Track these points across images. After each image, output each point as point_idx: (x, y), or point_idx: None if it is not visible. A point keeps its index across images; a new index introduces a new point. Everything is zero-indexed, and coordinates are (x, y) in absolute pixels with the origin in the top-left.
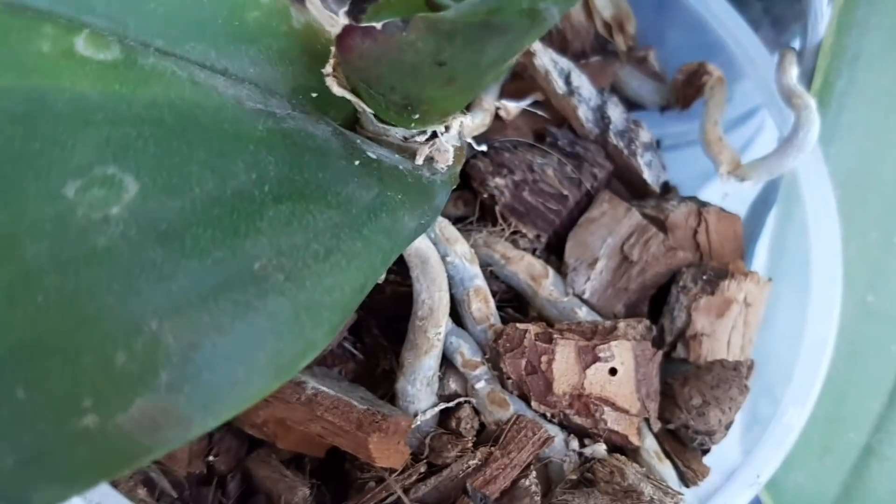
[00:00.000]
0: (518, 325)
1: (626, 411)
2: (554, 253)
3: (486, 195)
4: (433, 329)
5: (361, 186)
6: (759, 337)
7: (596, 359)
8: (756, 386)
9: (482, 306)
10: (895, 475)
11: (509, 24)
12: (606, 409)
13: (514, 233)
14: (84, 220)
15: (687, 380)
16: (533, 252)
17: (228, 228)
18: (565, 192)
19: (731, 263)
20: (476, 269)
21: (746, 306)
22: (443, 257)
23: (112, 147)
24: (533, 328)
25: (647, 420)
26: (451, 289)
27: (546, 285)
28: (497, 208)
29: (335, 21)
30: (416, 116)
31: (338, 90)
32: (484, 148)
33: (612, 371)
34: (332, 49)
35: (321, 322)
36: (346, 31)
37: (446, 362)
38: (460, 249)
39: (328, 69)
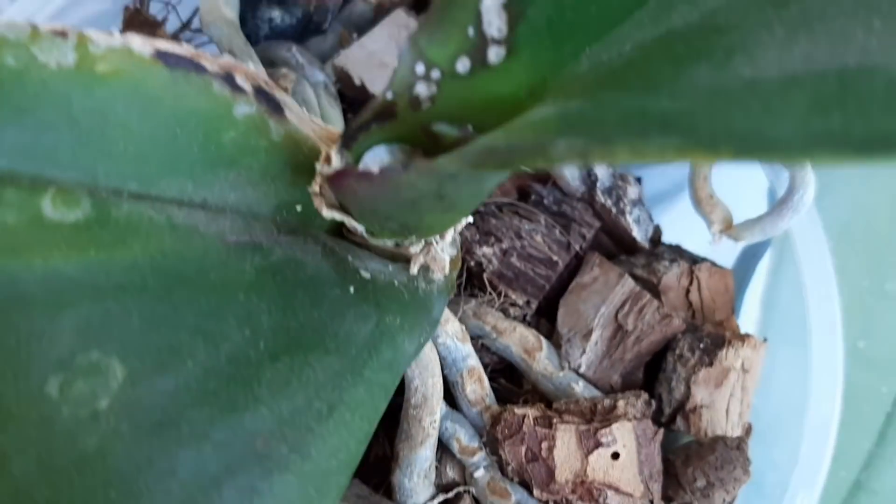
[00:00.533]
0: (516, 409)
1: (629, 494)
2: (544, 316)
3: (472, 263)
4: (428, 417)
5: (358, 318)
6: (756, 398)
7: (598, 444)
8: (755, 449)
9: (477, 388)
10: None
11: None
12: (610, 492)
13: (504, 299)
14: (71, 420)
15: (689, 458)
16: (523, 318)
17: (226, 404)
18: (555, 258)
19: (725, 322)
20: (468, 348)
21: (744, 372)
22: (433, 339)
23: (94, 329)
24: (531, 412)
25: (650, 501)
26: (443, 370)
27: (540, 358)
28: (485, 276)
29: (316, 125)
30: (412, 237)
31: (327, 213)
32: (469, 219)
33: (615, 455)
34: (318, 166)
35: (329, 490)
36: (341, 174)
37: (442, 447)
38: (451, 329)
39: (315, 188)
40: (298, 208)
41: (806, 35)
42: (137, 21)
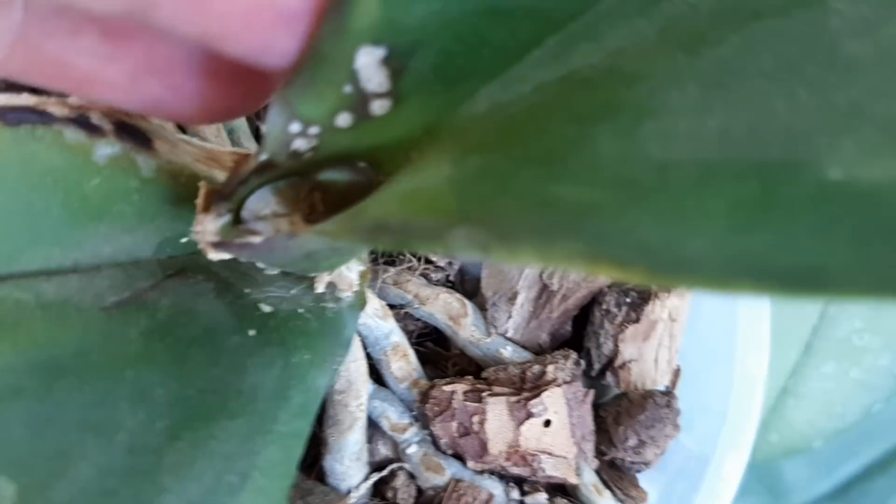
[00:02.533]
0: (444, 386)
1: (563, 457)
2: (469, 274)
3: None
4: (354, 402)
5: (262, 366)
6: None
7: (529, 414)
8: (684, 388)
9: (403, 364)
10: (809, 408)
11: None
12: (544, 457)
13: (426, 262)
14: None
15: (619, 416)
16: (447, 279)
17: (130, 502)
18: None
19: None
20: (391, 324)
21: (671, 321)
22: None
23: None
24: (460, 387)
25: (584, 460)
26: (366, 348)
27: (466, 325)
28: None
29: (193, 148)
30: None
31: (215, 256)
32: None
33: (547, 422)
34: (198, 202)
35: None
36: (221, 245)
37: (372, 425)
38: (371, 308)
39: (198, 227)
40: (183, 240)
41: (721, 101)
42: None
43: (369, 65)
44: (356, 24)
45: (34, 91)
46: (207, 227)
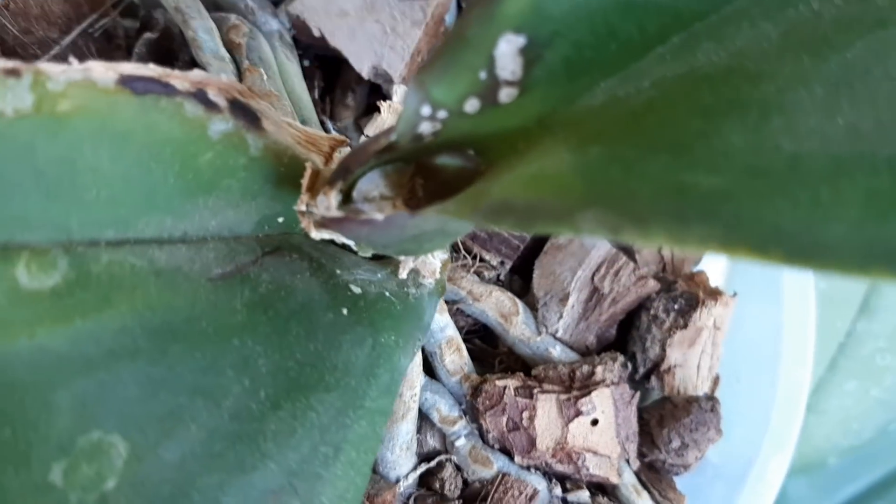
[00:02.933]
0: (496, 380)
1: (607, 456)
2: (518, 273)
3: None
4: (408, 391)
5: (355, 344)
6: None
7: (578, 413)
8: (723, 398)
9: (455, 357)
10: (828, 425)
11: None
12: (588, 455)
13: (479, 261)
14: None
15: (664, 419)
16: (497, 279)
17: (235, 465)
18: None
19: (696, 277)
20: (446, 319)
21: (716, 329)
22: None
23: (90, 406)
24: (512, 382)
25: (626, 461)
26: None
27: (517, 323)
28: (459, 238)
29: (295, 131)
30: (409, 256)
31: (316, 234)
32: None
33: (594, 421)
34: (303, 182)
35: None
36: (340, 221)
37: (422, 417)
38: None
39: (301, 206)
40: (280, 220)
41: (849, 100)
42: None
43: (508, 52)
44: (505, 9)
45: (159, 63)
46: (332, 202)
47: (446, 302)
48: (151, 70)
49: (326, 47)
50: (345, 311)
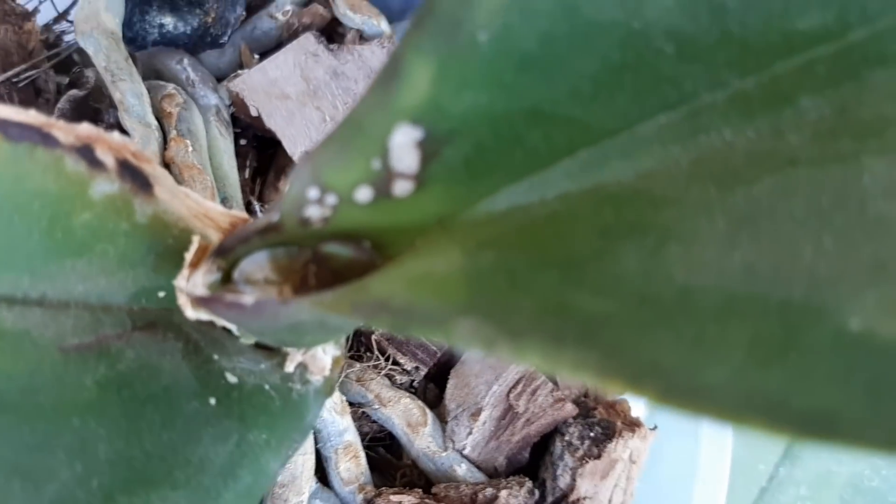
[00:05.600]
0: (391, 496)
1: None
2: (434, 382)
3: (362, 323)
4: (294, 498)
5: (217, 439)
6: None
7: None
8: None
9: (352, 465)
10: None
11: None
12: None
13: (393, 363)
14: None
15: None
16: (410, 385)
17: None
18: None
19: (616, 405)
20: (347, 422)
21: (631, 462)
22: None
23: None
24: (407, 499)
25: None
26: (316, 443)
27: (424, 435)
28: (374, 337)
29: (192, 203)
30: (290, 349)
31: (192, 314)
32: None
33: None
34: (187, 256)
35: None
36: (208, 301)
37: None
38: (329, 400)
39: (181, 282)
40: (161, 294)
41: (749, 237)
42: (1, 12)
43: (404, 144)
44: (402, 100)
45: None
46: (197, 280)
47: (351, 404)
48: (32, 117)
49: (263, 128)
50: (212, 402)
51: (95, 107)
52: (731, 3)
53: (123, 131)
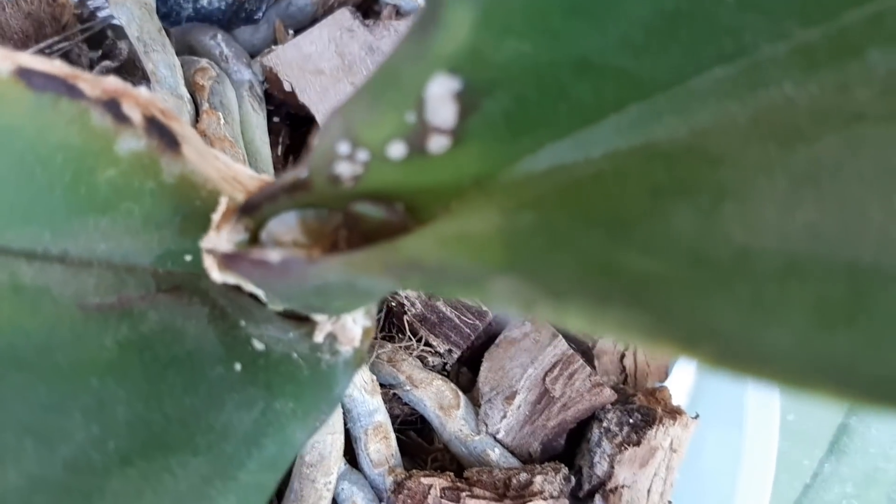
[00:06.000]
0: (422, 477)
1: None
2: (466, 364)
3: (394, 303)
4: (323, 479)
5: (241, 405)
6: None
7: None
8: None
9: (381, 447)
10: None
11: None
12: None
13: (425, 345)
14: None
15: None
16: (443, 367)
17: None
18: (485, 307)
19: (657, 393)
20: (377, 402)
21: (672, 451)
22: None
23: None
24: (439, 482)
25: None
26: (346, 423)
27: (457, 418)
28: (406, 318)
29: (222, 164)
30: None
31: (219, 276)
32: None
33: None
34: (214, 217)
35: None
36: (232, 258)
37: None
38: (360, 380)
39: (207, 243)
40: (188, 258)
41: (813, 196)
42: None
43: (440, 95)
44: (440, 47)
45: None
46: (223, 237)
47: (382, 385)
48: (56, 67)
49: (297, 104)
50: (238, 368)
51: (128, 79)
52: None
53: None
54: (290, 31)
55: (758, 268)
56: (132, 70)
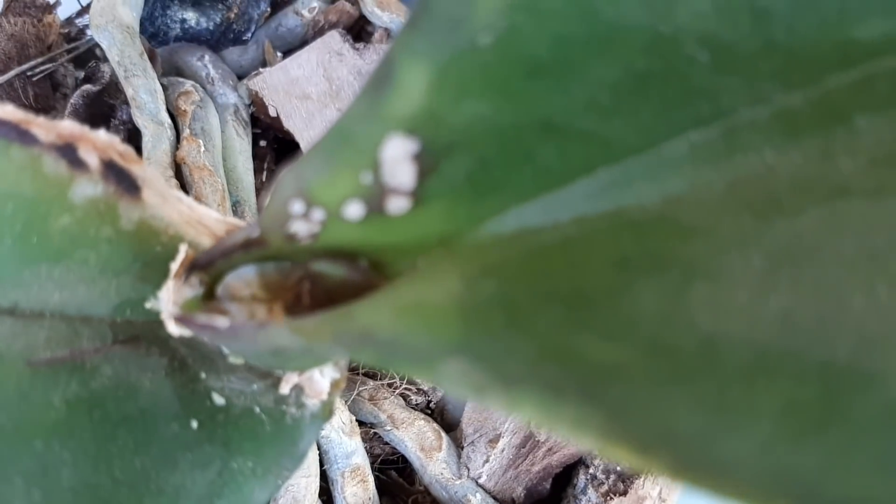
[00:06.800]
0: None
1: None
2: (450, 403)
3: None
4: None
5: (197, 465)
6: None
7: None
8: None
9: (359, 490)
10: None
11: None
12: None
13: (408, 383)
14: None
15: None
16: (427, 405)
17: None
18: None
19: None
20: (356, 443)
21: (661, 501)
22: None
23: None
24: None
25: None
26: (322, 465)
27: (438, 460)
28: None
29: (185, 208)
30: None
31: (175, 330)
32: None
33: None
34: (173, 266)
35: None
36: (182, 320)
37: None
38: (337, 420)
39: (165, 297)
40: (147, 305)
41: (789, 278)
42: (21, 4)
43: (397, 157)
44: (394, 108)
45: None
46: (171, 296)
47: (362, 424)
48: (8, 113)
49: (283, 129)
50: (194, 425)
51: (110, 102)
52: (778, 8)
53: (136, 128)
54: (279, 54)
55: (724, 361)
56: (115, 93)
